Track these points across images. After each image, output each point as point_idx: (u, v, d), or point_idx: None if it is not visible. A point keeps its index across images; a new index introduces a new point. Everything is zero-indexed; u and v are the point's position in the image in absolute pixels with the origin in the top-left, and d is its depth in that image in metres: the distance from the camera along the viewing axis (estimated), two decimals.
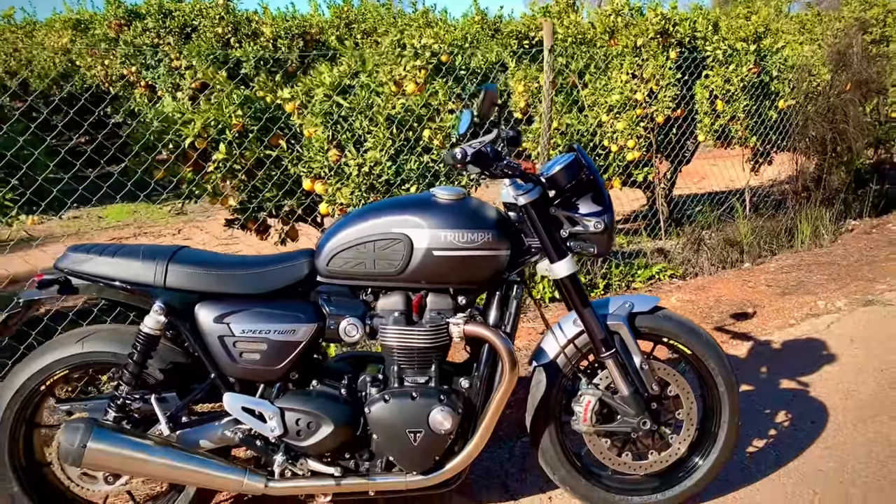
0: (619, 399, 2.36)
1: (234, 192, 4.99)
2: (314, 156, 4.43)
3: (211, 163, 4.55)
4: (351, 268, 2.21)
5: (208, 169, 4.56)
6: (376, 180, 4.34)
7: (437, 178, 4.57)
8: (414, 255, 2.18)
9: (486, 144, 2.15)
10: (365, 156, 4.38)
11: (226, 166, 4.57)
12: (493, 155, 2.15)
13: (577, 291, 2.30)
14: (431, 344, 2.22)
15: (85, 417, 2.16)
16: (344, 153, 4.38)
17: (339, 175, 4.38)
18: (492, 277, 2.25)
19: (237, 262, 2.25)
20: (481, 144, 2.15)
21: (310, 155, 4.44)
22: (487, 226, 2.21)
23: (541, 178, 2.25)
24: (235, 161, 4.47)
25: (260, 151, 4.48)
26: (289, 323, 2.19)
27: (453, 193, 2.25)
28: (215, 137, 4.52)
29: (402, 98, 4.77)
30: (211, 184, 4.67)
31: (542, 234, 2.26)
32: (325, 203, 4.52)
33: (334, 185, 4.38)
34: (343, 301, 2.26)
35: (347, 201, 4.42)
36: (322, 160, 4.42)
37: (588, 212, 2.27)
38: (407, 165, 4.46)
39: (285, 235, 5.14)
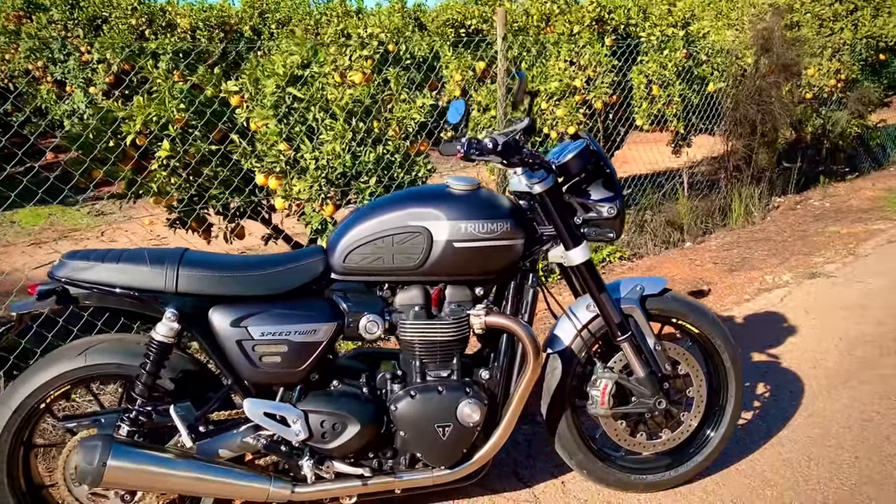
0: (635, 381, 2.39)
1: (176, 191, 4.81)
2: (267, 150, 4.30)
3: (154, 160, 4.36)
4: (369, 263, 2.16)
5: (152, 167, 4.37)
6: (331, 173, 4.26)
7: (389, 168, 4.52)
8: (434, 248, 2.14)
9: (516, 134, 2.14)
10: (321, 149, 4.28)
11: (170, 164, 4.39)
12: (514, 144, 2.14)
13: (593, 277, 2.32)
14: (453, 337, 2.19)
15: (98, 434, 2.02)
16: (295, 146, 4.27)
17: (294, 169, 4.27)
18: (509, 267, 2.24)
19: (250, 262, 2.16)
20: (513, 134, 2.13)
21: (262, 149, 4.31)
22: (504, 215, 2.19)
23: (552, 166, 2.25)
24: (179, 158, 4.30)
25: (206, 147, 4.32)
26: (309, 323, 2.12)
27: (467, 184, 2.22)
28: (157, 134, 4.34)
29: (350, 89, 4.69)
30: (156, 182, 4.47)
31: (557, 222, 2.26)
32: (280, 198, 4.40)
33: (290, 179, 4.27)
34: (360, 298, 2.21)
35: (306, 196, 4.31)
36: (275, 154, 4.30)
37: (600, 197, 2.29)
38: (363, 157, 4.39)
39: (232, 234, 4.99)
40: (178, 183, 4.69)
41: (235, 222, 4.93)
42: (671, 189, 6.61)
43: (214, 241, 4.93)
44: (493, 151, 2.09)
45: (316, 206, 4.36)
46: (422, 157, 4.76)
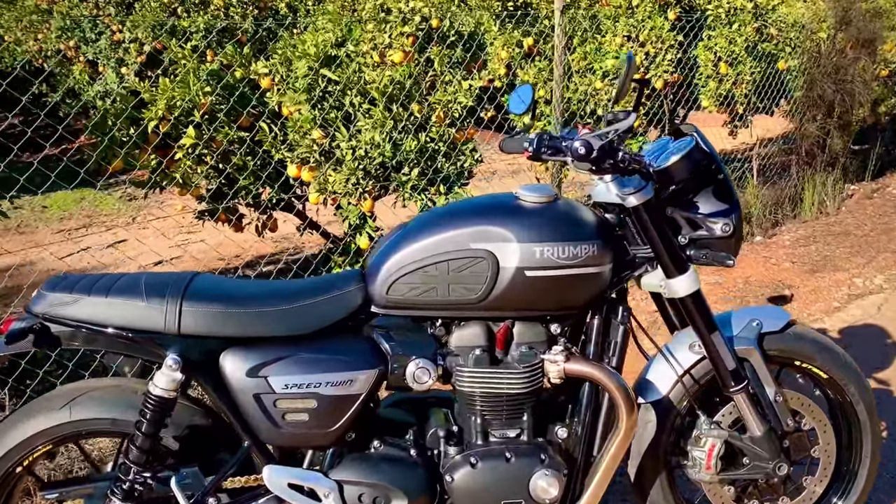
0: (750, 440, 1.94)
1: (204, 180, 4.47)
2: (299, 138, 3.88)
3: (178, 148, 3.99)
4: (418, 295, 1.74)
5: (175, 156, 4.00)
6: (371, 164, 3.83)
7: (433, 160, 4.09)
8: (501, 278, 1.72)
9: (614, 134, 1.68)
10: (359, 137, 3.85)
11: (195, 152, 4.02)
12: (610, 148, 1.69)
13: (702, 311, 1.87)
14: (524, 388, 1.76)
15: None
16: (330, 134, 3.86)
17: (329, 159, 3.86)
18: (593, 299, 1.81)
19: (271, 292, 1.75)
20: (611, 134, 1.67)
21: (294, 137, 3.90)
22: (589, 235, 1.76)
23: (650, 171, 1.79)
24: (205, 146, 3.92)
25: (233, 134, 3.93)
26: (344, 371, 1.72)
27: (542, 195, 1.78)
28: (181, 119, 3.95)
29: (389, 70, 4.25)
30: (180, 172, 4.10)
31: (657, 242, 1.81)
32: (314, 191, 3.99)
33: (325, 170, 3.86)
34: (407, 337, 1.80)
35: (343, 189, 3.90)
36: (308, 143, 3.88)
37: (712, 210, 1.84)
38: (404, 146, 3.96)
39: (263, 227, 4.63)
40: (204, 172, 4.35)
41: (268, 214, 4.59)
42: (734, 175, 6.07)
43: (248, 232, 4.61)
44: (584, 158, 1.64)
45: (353, 200, 3.95)
46: (468, 145, 4.32)
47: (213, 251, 6.40)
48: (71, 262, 6.41)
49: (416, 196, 4.08)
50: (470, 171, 4.37)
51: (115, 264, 6.29)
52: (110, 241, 7.21)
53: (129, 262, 5.63)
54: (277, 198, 4.31)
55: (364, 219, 4.06)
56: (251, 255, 6.36)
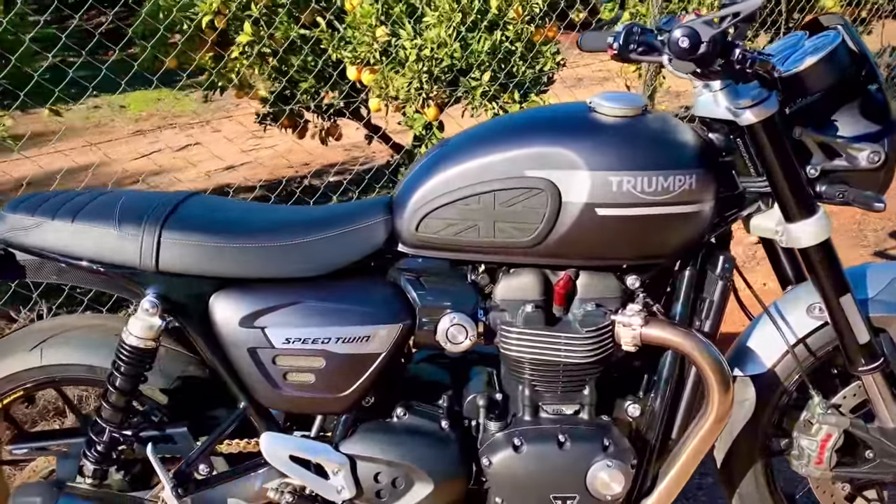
0: (878, 432, 1.52)
1: (264, 82, 4.16)
2: (360, 36, 3.47)
3: (234, 46, 3.66)
4: (455, 235, 1.39)
5: (232, 54, 3.68)
6: (437, 66, 3.40)
7: (507, 63, 3.62)
8: (563, 216, 1.36)
9: (729, 23, 1.22)
10: (424, 35, 3.41)
11: (253, 51, 3.68)
12: (723, 42, 1.24)
13: (829, 268, 1.43)
14: (588, 357, 1.39)
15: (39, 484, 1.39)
16: (396, 32, 3.43)
17: (393, 61, 3.45)
18: (685, 245, 1.43)
19: (274, 223, 1.44)
20: (724, 22, 1.22)
21: (354, 35, 3.49)
22: (687, 162, 1.37)
23: (776, 76, 1.34)
24: (264, 45, 3.55)
25: (295, 31, 3.55)
26: (359, 324, 1.40)
27: (626, 105, 1.39)
28: (238, 15, 3.59)
29: None
30: (236, 73, 3.79)
31: (778, 175, 1.38)
32: (374, 97, 3.60)
33: (387, 73, 3.45)
34: (441, 285, 1.46)
35: (404, 95, 3.49)
36: (369, 41, 3.47)
37: (857, 133, 1.40)
38: (478, 47, 3.50)
39: (327, 135, 4.33)
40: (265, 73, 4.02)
41: (332, 120, 4.28)
42: None
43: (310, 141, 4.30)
44: (688, 53, 1.20)
45: (416, 106, 3.55)
46: (549, 46, 3.82)
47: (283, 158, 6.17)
48: (143, 163, 6.30)
49: (486, 104, 3.64)
50: (550, 77, 3.88)
51: (184, 168, 6.14)
52: (182, 143, 7.09)
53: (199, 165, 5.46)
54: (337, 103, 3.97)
55: (430, 128, 3.67)
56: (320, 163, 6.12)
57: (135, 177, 5.63)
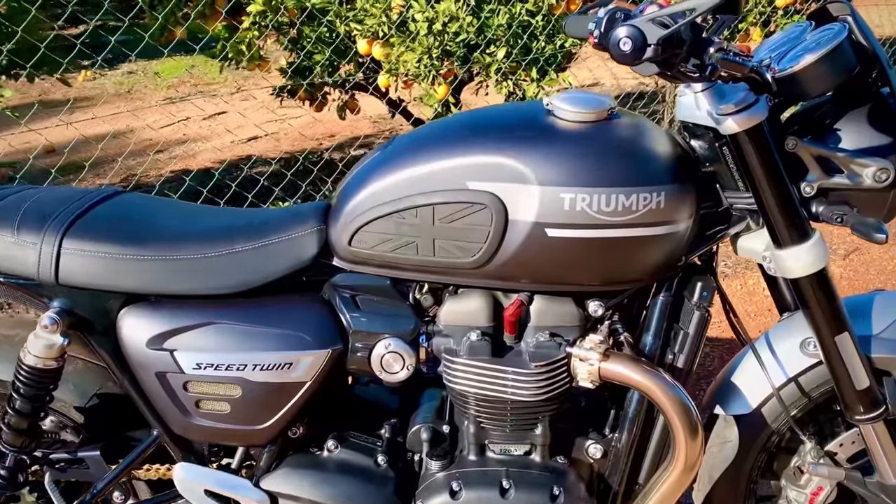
0: (878, 487, 1.32)
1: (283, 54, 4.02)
2: (369, 7, 3.29)
3: (246, 17, 3.52)
4: (391, 251, 1.21)
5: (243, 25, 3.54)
6: (452, 41, 3.20)
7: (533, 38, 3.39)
8: (509, 235, 1.18)
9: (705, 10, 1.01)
10: (437, 7, 3.21)
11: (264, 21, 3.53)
12: (692, 38, 1.04)
13: (825, 302, 1.22)
14: (538, 395, 1.22)
15: None
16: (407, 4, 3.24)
17: (404, 34, 3.26)
18: (657, 269, 1.24)
19: (194, 230, 1.28)
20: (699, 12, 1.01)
21: (364, 6, 3.31)
22: (656, 178, 1.18)
23: (767, 76, 1.14)
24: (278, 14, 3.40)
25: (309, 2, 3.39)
26: (280, 350, 1.25)
27: (588, 108, 1.19)
28: None
29: None
30: (245, 44, 3.65)
31: (765, 192, 1.18)
32: (384, 73, 3.42)
33: (398, 47, 3.26)
34: (379, 306, 1.30)
35: (414, 71, 3.31)
36: (378, 13, 3.28)
37: (862, 145, 1.19)
38: (493, 20, 3.29)
39: (344, 107, 4.18)
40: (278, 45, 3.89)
41: (350, 94, 4.13)
42: None
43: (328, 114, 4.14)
44: (632, 59, 1.01)
45: (427, 83, 3.36)
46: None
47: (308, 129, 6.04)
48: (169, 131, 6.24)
49: (502, 82, 3.43)
50: (570, 53, 3.64)
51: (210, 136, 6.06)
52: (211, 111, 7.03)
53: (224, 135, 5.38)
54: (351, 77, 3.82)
55: (447, 107, 3.48)
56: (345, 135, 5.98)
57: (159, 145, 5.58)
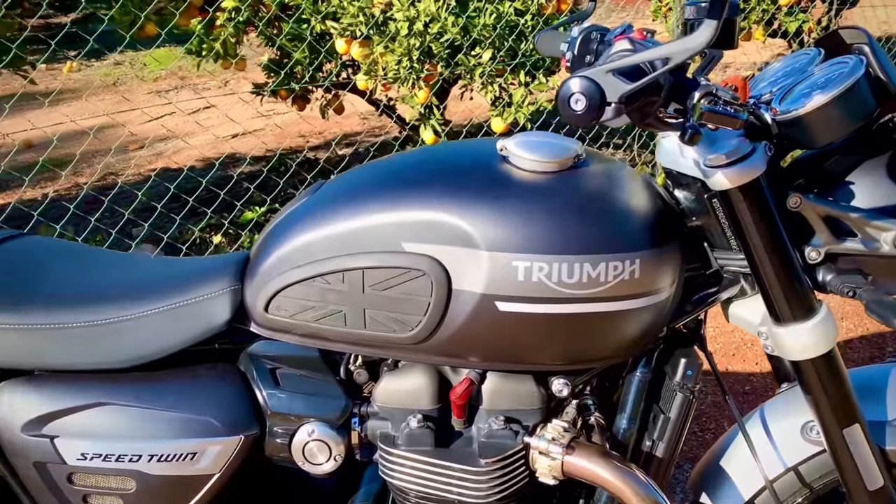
0: None
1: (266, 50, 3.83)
2: (347, 5, 3.08)
3: (220, 13, 3.33)
4: (315, 321, 1.02)
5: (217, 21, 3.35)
6: (436, 41, 3.00)
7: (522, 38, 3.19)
8: (454, 307, 1.00)
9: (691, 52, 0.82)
10: (417, 6, 3.00)
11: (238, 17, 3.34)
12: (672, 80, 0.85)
13: (834, 390, 1.02)
14: (489, 497, 1.02)
15: None
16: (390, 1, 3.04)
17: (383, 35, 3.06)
18: (629, 347, 1.04)
19: (84, 290, 1.08)
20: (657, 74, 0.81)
21: (340, 3, 3.11)
22: (630, 243, 0.98)
23: (767, 117, 0.95)
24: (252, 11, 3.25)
25: None
26: (181, 437, 1.06)
27: (549, 155, 1.00)
28: None
29: None
30: (219, 41, 3.46)
31: (762, 260, 0.98)
32: (363, 75, 3.22)
33: (377, 48, 3.06)
34: (304, 382, 1.10)
35: (392, 73, 3.11)
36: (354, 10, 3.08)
37: (881, 204, 1.00)
38: (478, 20, 3.08)
39: (327, 106, 4.00)
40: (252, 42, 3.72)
41: (333, 93, 3.95)
42: None
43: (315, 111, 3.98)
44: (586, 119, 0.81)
45: (408, 86, 3.16)
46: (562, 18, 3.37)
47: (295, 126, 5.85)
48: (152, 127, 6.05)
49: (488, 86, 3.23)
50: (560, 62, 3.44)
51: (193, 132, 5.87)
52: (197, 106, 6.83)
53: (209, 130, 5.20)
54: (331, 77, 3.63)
55: (430, 110, 3.28)
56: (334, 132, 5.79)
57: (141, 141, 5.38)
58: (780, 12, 4.62)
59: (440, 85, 3.22)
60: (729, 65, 6.62)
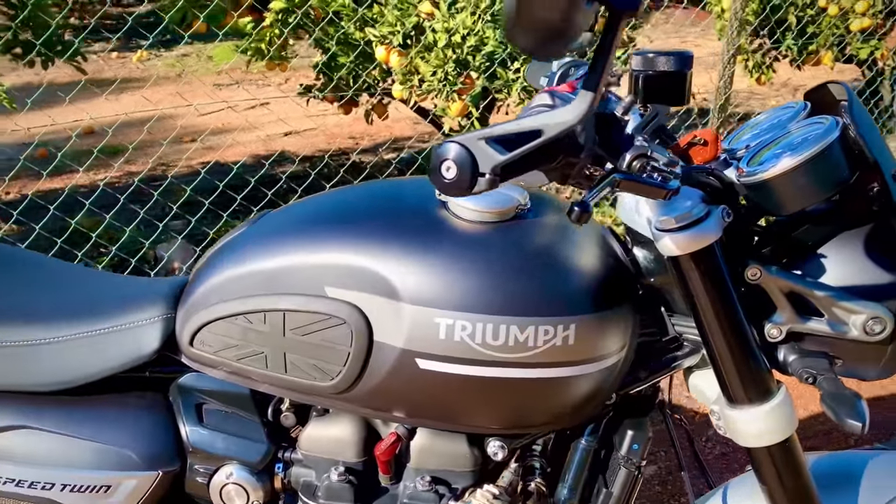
0: None
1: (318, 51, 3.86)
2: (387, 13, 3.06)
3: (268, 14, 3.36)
4: (237, 359, 0.96)
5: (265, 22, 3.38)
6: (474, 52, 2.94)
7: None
8: (375, 359, 0.94)
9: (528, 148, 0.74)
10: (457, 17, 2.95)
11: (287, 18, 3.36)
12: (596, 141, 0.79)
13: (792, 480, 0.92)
14: None
15: None
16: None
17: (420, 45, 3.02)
18: (572, 414, 0.98)
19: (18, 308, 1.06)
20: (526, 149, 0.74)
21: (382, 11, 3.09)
22: (571, 304, 0.91)
23: (733, 177, 0.88)
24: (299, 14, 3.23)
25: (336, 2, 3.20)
26: (95, 468, 1.02)
27: (489, 204, 0.93)
28: None
29: None
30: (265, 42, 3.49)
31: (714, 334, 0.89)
32: (399, 84, 3.19)
33: (414, 58, 3.02)
34: (228, 420, 1.06)
35: (427, 84, 3.07)
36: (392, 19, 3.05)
37: (852, 282, 0.89)
38: None
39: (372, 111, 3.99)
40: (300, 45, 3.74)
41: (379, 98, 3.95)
42: None
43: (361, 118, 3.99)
44: (456, 189, 0.72)
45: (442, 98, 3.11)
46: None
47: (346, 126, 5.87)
48: (208, 120, 6.16)
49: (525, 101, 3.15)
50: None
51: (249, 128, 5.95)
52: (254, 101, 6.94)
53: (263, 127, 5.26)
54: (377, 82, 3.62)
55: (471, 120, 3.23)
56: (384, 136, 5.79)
57: (195, 134, 5.48)
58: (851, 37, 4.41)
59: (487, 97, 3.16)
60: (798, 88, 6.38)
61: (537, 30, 0.65)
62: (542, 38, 0.65)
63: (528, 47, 0.67)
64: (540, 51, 0.68)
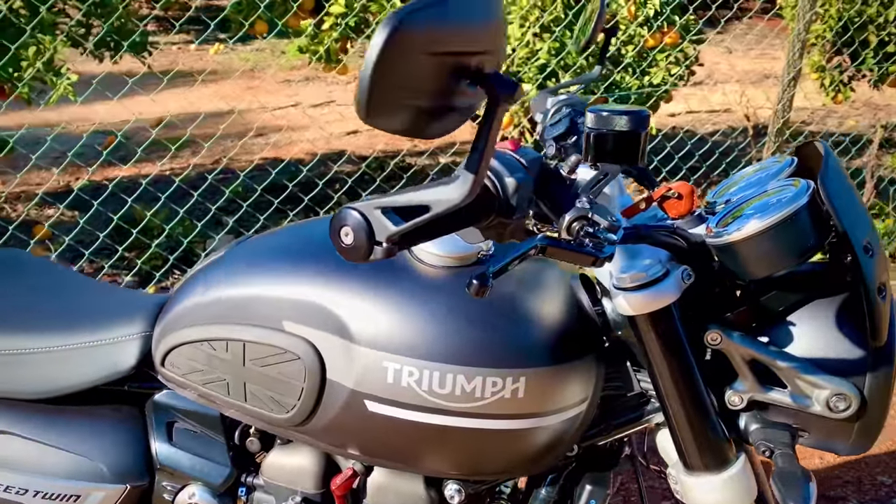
0: None
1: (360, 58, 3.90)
2: None
3: (326, 17, 3.41)
4: (202, 384, 0.98)
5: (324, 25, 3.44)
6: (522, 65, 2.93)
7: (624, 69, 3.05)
8: (328, 397, 0.94)
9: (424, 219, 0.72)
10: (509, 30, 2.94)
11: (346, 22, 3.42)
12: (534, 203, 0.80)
13: None
14: None
15: None
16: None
17: None
18: (529, 465, 0.96)
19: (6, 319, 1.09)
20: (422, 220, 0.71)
21: None
22: (523, 356, 0.90)
23: (701, 236, 0.85)
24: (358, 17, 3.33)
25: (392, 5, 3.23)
26: (66, 478, 1.06)
27: (451, 248, 0.92)
28: None
29: None
30: (324, 45, 3.54)
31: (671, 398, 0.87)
32: None
33: None
34: (196, 439, 1.08)
35: None
36: None
37: (816, 355, 0.84)
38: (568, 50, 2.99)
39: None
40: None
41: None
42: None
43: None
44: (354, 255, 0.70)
45: None
46: (665, 53, 3.21)
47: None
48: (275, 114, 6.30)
49: None
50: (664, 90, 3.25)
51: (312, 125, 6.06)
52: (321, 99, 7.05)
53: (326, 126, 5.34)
54: None
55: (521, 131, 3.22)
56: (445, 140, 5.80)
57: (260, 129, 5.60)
58: None
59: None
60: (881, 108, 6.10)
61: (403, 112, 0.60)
62: (411, 121, 0.61)
63: (398, 130, 0.63)
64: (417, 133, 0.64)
